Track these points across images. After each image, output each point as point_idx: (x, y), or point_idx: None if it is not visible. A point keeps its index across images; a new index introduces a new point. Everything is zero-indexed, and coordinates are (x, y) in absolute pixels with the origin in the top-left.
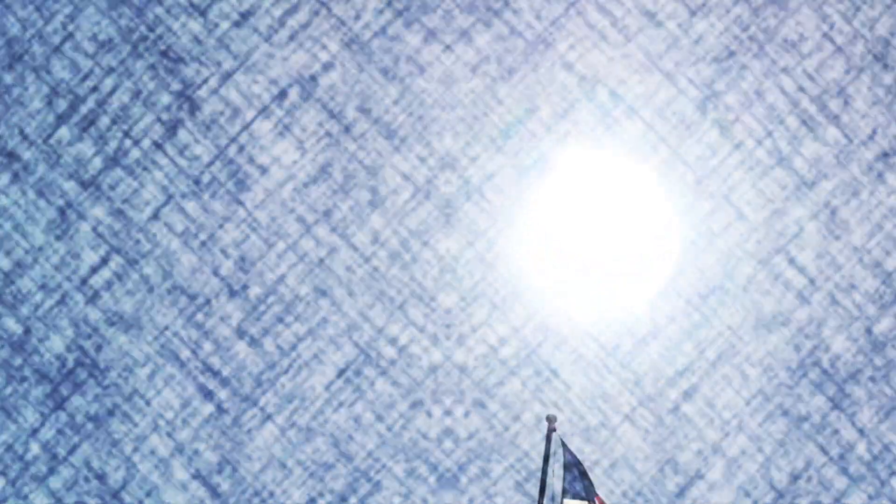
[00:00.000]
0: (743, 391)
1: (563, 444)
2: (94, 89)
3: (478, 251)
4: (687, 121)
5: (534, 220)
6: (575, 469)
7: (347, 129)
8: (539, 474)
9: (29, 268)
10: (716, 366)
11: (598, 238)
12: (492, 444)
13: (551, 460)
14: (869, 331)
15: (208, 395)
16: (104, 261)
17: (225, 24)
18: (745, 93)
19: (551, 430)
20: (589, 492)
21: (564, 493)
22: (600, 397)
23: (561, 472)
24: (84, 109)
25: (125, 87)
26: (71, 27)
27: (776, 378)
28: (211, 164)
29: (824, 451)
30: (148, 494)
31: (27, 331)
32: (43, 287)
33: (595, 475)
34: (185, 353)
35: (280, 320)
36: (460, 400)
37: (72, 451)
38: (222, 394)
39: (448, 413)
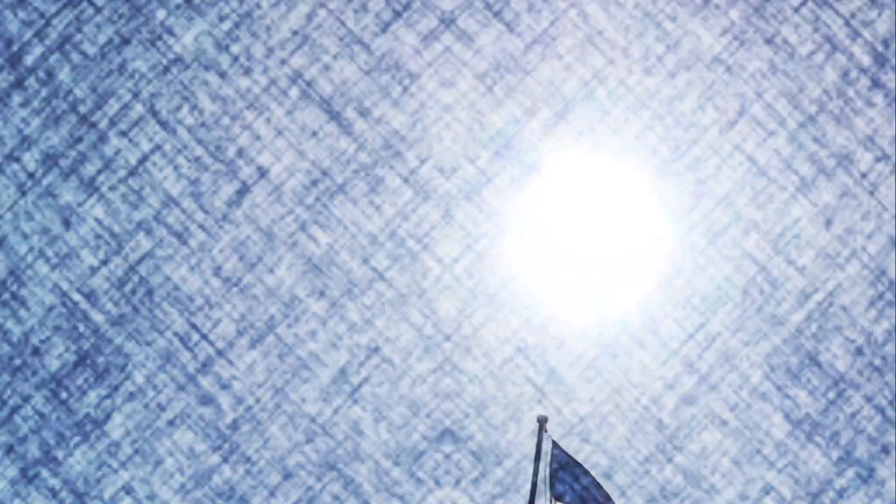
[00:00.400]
0: (743, 391)
1: (555, 445)
2: (94, 90)
3: (477, 252)
4: (686, 121)
5: (533, 221)
6: (576, 469)
7: (347, 130)
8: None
9: (29, 268)
10: (715, 366)
11: (597, 238)
12: (491, 445)
13: (542, 461)
14: (868, 331)
15: (208, 396)
16: (104, 262)
17: (226, 25)
18: (745, 94)
19: (543, 430)
20: (594, 491)
21: (560, 497)
22: (600, 398)
23: (555, 473)
24: (83, 109)
25: (126, 88)
26: (71, 29)
27: (776, 379)
28: (211, 164)
29: (824, 451)
30: (149, 496)
31: (27, 332)
32: (42, 287)
33: (594, 475)
34: (185, 355)
35: (280, 320)
36: (460, 401)
37: (71, 451)
38: (222, 395)
39: (447, 414)
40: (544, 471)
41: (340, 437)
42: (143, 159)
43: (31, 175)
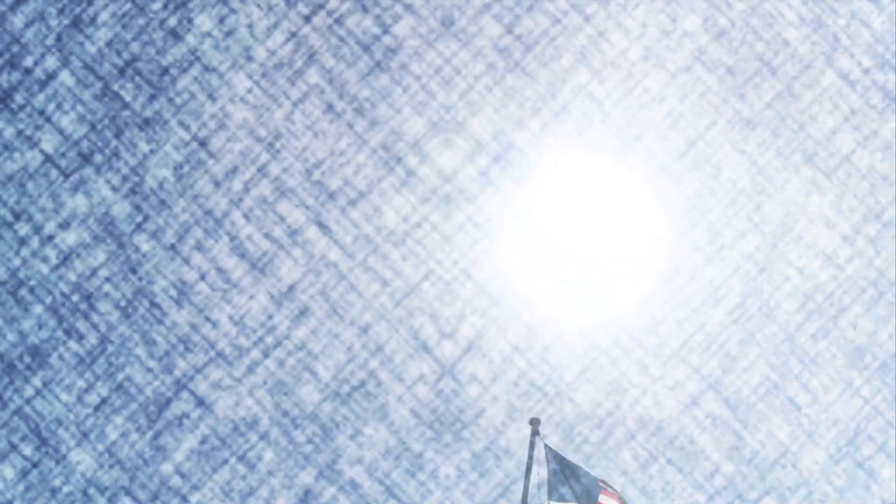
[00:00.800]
0: (743, 391)
1: (547, 447)
2: (94, 91)
3: (476, 254)
4: (686, 122)
5: (533, 221)
6: (577, 470)
7: (347, 130)
8: (538, 477)
9: (29, 268)
10: (715, 367)
11: (597, 239)
12: (491, 445)
13: (535, 464)
14: (868, 332)
15: (208, 397)
16: (104, 262)
17: (226, 26)
18: (744, 94)
19: (535, 433)
20: (594, 490)
21: (561, 499)
22: (600, 397)
23: (555, 474)
24: (82, 110)
25: (126, 89)
26: (72, 30)
27: (777, 378)
28: (211, 165)
29: (824, 451)
30: (149, 498)
31: (27, 331)
32: (42, 287)
33: (593, 474)
34: (184, 356)
35: (280, 321)
36: (459, 402)
37: (71, 452)
38: (222, 396)
39: (446, 413)
40: (539, 473)
41: (341, 437)
42: (143, 159)
43: (31, 175)
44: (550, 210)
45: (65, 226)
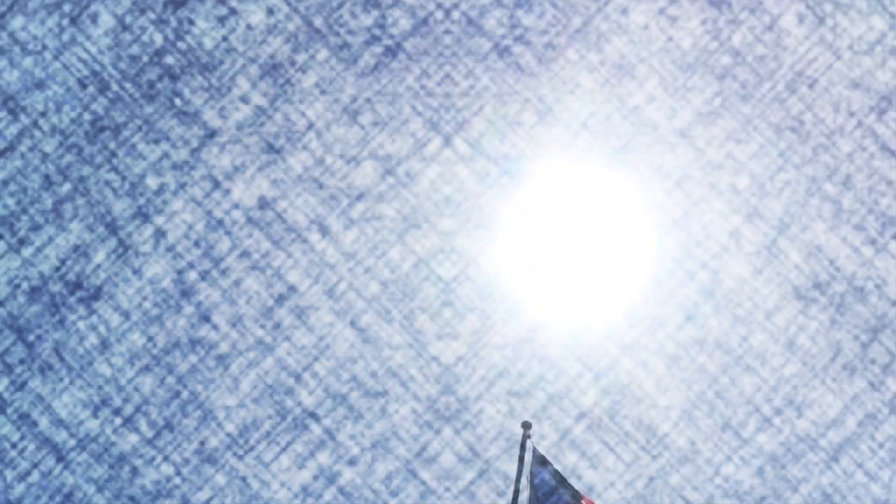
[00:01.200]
0: (743, 392)
1: (535, 451)
2: (103, 97)
3: (476, 254)
4: (677, 127)
5: (532, 222)
6: (562, 482)
7: (349, 129)
8: (524, 482)
9: (36, 262)
10: (709, 374)
11: (596, 239)
12: (488, 447)
13: (525, 469)
14: (868, 334)
15: (208, 400)
16: (106, 261)
17: (225, 29)
18: (740, 103)
19: (526, 436)
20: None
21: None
22: (597, 400)
23: (538, 480)
24: (80, 111)
25: (129, 90)
26: (84, 40)
27: (774, 382)
28: (213, 166)
29: (823, 448)
30: (153, 499)
31: (25, 326)
32: (40, 284)
33: (574, 485)
34: (186, 359)
35: (279, 318)
36: (455, 406)
37: (75, 461)
38: (223, 398)
39: (444, 414)
40: (524, 478)
41: (341, 437)
42: (143, 159)
43: (31, 175)
44: (549, 210)
45: (65, 226)
